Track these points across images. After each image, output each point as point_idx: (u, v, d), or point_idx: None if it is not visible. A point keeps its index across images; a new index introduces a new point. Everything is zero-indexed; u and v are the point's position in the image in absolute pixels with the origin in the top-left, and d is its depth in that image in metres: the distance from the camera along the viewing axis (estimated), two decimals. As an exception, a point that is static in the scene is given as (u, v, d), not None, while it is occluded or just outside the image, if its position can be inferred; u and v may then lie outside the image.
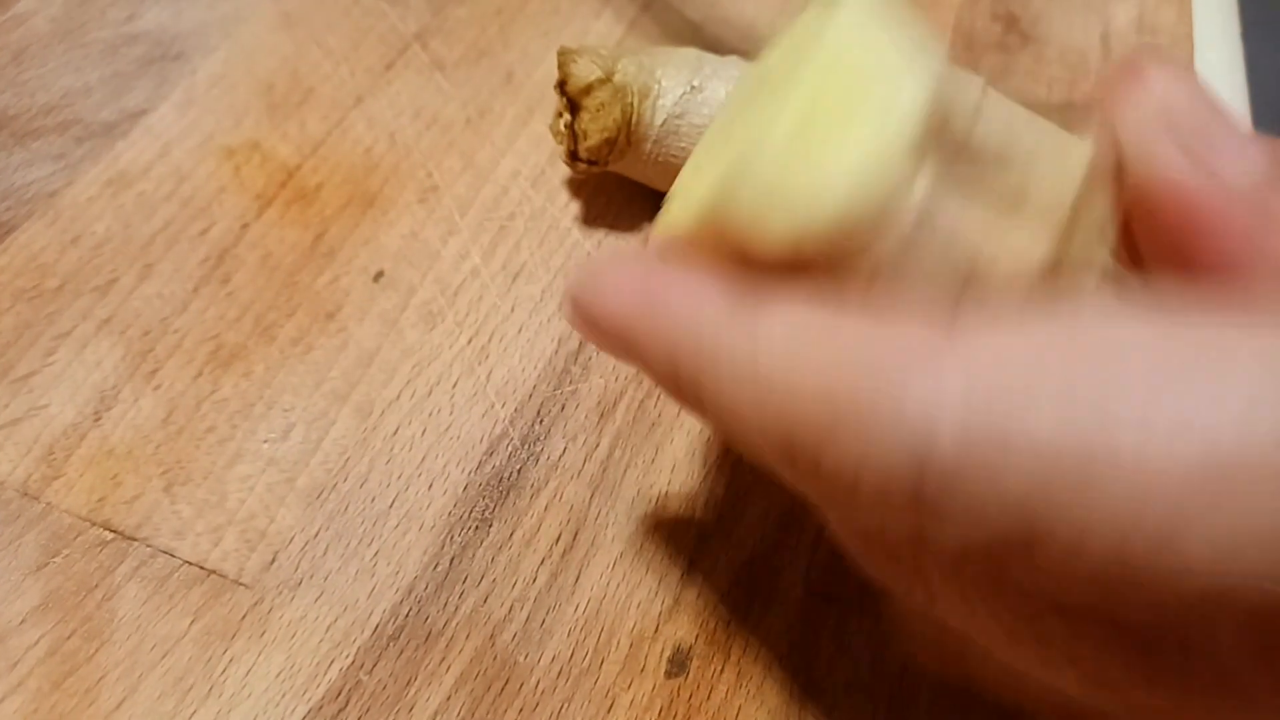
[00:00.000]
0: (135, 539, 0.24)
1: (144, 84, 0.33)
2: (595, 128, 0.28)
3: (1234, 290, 0.16)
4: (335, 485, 0.25)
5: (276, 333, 0.27)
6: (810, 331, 0.15)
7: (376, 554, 0.24)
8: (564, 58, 0.28)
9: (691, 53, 0.29)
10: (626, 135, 0.28)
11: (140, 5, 0.35)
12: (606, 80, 0.27)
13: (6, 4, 0.35)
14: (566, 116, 0.28)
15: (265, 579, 0.23)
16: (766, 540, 0.25)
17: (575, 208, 0.31)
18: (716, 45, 0.37)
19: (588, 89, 0.28)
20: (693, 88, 0.28)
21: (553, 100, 0.34)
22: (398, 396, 0.26)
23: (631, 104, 0.27)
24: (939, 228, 0.16)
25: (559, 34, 0.36)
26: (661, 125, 0.28)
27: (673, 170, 0.25)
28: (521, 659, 0.23)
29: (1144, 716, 0.15)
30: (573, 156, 0.29)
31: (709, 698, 0.22)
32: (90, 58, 0.34)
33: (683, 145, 0.29)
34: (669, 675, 0.23)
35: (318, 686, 0.22)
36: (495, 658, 0.23)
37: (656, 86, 0.28)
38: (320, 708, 0.22)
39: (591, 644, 0.23)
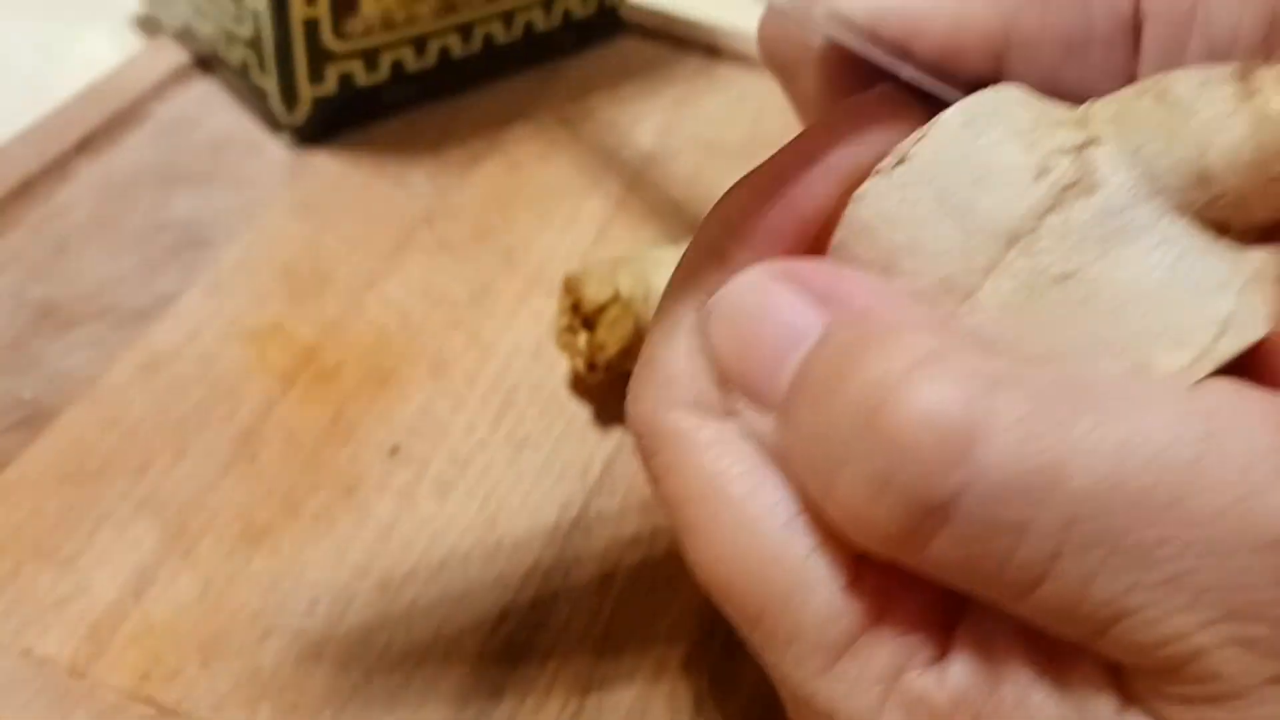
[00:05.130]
0: (177, 713, 0.25)
1: (173, 270, 0.36)
2: (613, 339, 0.31)
3: None
4: (359, 657, 0.27)
5: (301, 510, 0.30)
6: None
7: (399, 723, 0.26)
8: (574, 282, 0.31)
9: (674, 252, 0.32)
10: (638, 339, 0.31)
11: (170, 194, 0.39)
12: (617, 297, 0.31)
13: (49, 196, 0.38)
14: (584, 334, 0.31)
15: (297, 749, 0.25)
16: (765, 690, 0.27)
17: (571, 378, 0.34)
18: (698, 222, 0.40)
19: (602, 308, 0.31)
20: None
21: (549, 278, 0.37)
22: (414, 568, 0.29)
23: (637, 311, 0.31)
24: None
25: (553, 214, 0.40)
26: None
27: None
28: (536, 821, 0.24)
29: None
30: (590, 367, 0.32)
31: None
32: (125, 246, 0.37)
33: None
34: (672, 833, 0.24)
35: None
36: (511, 821, 0.24)
37: (652, 291, 0.31)
38: None
39: (600, 805, 0.25)
